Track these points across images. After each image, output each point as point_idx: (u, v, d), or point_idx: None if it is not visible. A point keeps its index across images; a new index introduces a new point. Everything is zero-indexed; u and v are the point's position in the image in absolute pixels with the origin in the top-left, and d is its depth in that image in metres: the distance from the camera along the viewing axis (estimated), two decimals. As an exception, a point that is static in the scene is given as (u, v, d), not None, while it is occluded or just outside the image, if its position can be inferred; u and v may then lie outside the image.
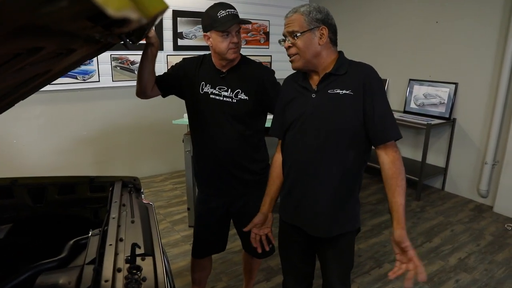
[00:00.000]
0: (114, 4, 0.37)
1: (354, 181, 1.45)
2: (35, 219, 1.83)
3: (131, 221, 1.48)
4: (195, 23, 4.27)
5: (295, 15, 1.37)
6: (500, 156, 3.60)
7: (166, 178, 4.36)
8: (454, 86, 3.88)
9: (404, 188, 1.34)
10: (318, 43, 1.36)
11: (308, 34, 1.35)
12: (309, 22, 1.34)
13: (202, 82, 1.68)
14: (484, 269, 2.67)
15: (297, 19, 1.36)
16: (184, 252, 2.79)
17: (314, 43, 1.36)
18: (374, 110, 1.33)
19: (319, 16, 1.34)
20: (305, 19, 1.34)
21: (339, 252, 1.53)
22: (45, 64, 1.16)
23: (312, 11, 1.34)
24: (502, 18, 3.46)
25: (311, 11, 1.34)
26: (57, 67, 1.35)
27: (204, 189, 1.87)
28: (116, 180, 1.83)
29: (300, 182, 1.49)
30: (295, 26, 1.36)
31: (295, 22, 1.36)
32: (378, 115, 1.33)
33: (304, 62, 1.39)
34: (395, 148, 1.37)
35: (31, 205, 1.82)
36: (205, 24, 1.58)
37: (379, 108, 1.34)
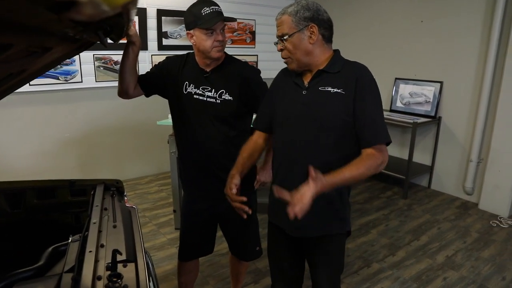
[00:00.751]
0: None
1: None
2: (13, 225, 1.76)
3: (113, 226, 1.43)
4: (180, 22, 4.20)
5: (283, 17, 1.33)
6: (485, 154, 3.64)
7: (152, 180, 4.28)
8: (439, 84, 3.91)
9: (360, 174, 1.26)
10: (309, 42, 1.32)
11: (297, 35, 1.31)
12: (297, 23, 1.31)
13: (185, 82, 1.63)
14: (471, 266, 2.69)
15: (285, 20, 1.32)
16: (170, 255, 2.74)
17: (304, 43, 1.32)
18: (364, 111, 1.30)
19: (308, 14, 1.30)
20: (292, 20, 1.31)
21: (328, 255, 1.50)
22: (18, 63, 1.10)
23: (300, 10, 1.30)
24: (485, 18, 3.49)
25: (299, 10, 1.30)
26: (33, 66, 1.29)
27: (190, 191, 1.83)
28: (98, 183, 1.78)
29: (287, 181, 1.46)
30: (284, 29, 1.33)
31: (284, 24, 1.33)
32: (367, 117, 1.30)
33: (297, 64, 1.36)
34: (382, 152, 1.31)
35: (9, 210, 1.75)
36: (188, 22, 1.54)
37: (369, 110, 1.30)
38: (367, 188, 4.16)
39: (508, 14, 3.34)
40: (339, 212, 1.44)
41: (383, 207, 3.68)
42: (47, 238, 1.78)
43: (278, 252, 1.63)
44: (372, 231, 3.18)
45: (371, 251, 2.86)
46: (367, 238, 3.07)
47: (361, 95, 1.29)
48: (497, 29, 3.36)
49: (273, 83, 1.54)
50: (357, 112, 1.30)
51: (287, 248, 1.58)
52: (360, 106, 1.29)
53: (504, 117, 3.39)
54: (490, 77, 3.47)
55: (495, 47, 3.40)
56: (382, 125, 1.32)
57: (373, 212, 3.56)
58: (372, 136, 1.30)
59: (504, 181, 3.47)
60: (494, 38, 3.39)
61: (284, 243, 1.58)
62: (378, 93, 1.34)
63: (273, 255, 1.66)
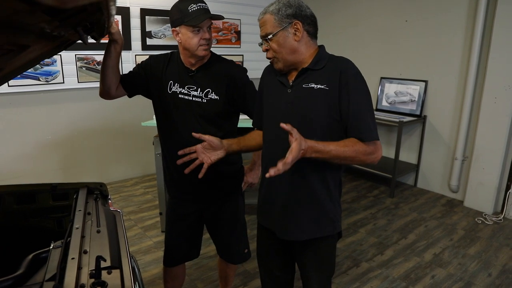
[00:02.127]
0: None
1: (330, 182, 1.38)
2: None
3: (97, 231, 1.38)
4: (164, 22, 4.14)
5: (265, 16, 1.30)
6: (469, 152, 3.69)
7: (137, 182, 4.21)
8: (424, 84, 3.95)
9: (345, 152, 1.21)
10: (294, 40, 1.29)
11: (281, 33, 1.28)
12: (280, 21, 1.27)
13: (170, 81, 1.59)
14: (458, 263, 2.71)
15: (268, 20, 1.29)
16: (157, 259, 2.68)
17: (289, 41, 1.29)
18: (349, 107, 1.25)
19: (290, 11, 1.27)
20: (275, 18, 1.28)
21: (319, 258, 1.46)
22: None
23: (282, 8, 1.27)
24: (468, 18, 3.54)
25: (280, 8, 1.27)
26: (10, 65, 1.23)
27: (175, 194, 1.78)
28: (81, 187, 1.72)
29: (275, 180, 1.43)
30: (267, 28, 1.29)
31: (267, 24, 1.29)
32: (353, 112, 1.25)
33: (283, 63, 1.33)
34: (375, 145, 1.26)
35: (-14, 217, 1.68)
36: (174, 19, 1.49)
37: (355, 104, 1.25)
38: (355, 187, 4.17)
39: (490, 14, 3.39)
40: (329, 213, 1.41)
41: (371, 206, 3.69)
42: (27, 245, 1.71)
43: (267, 255, 1.60)
44: (360, 230, 3.18)
45: (359, 251, 2.86)
46: (355, 237, 3.06)
47: (346, 90, 1.25)
48: (479, 29, 3.41)
49: (260, 82, 1.51)
50: (343, 108, 1.26)
51: (277, 250, 1.55)
52: (345, 101, 1.25)
53: (488, 115, 3.44)
54: (473, 76, 3.51)
55: (478, 47, 3.44)
56: (369, 121, 1.27)
57: (361, 211, 3.57)
58: (358, 133, 1.25)
59: (488, 178, 3.52)
60: (477, 37, 3.43)
61: (274, 246, 1.55)
62: (364, 86, 1.29)
63: (263, 258, 1.63)
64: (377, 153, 1.28)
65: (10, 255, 1.66)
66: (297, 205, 1.39)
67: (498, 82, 3.33)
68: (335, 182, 1.40)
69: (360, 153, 1.23)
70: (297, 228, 1.41)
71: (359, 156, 1.23)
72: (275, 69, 1.38)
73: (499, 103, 3.35)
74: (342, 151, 1.21)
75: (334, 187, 1.40)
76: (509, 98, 3.28)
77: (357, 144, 1.24)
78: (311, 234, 1.41)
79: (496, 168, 3.46)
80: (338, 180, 1.42)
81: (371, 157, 1.26)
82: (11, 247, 1.68)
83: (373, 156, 1.27)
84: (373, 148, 1.26)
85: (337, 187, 1.42)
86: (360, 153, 1.23)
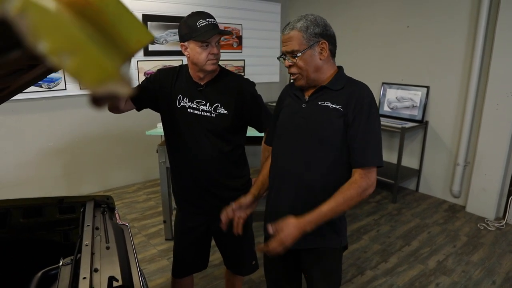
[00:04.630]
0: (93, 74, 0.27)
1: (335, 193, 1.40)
2: (-2, 246, 1.68)
3: (106, 247, 1.37)
4: (166, 28, 4.14)
5: (292, 32, 1.29)
6: (471, 157, 3.70)
7: (140, 188, 4.20)
8: (425, 89, 3.95)
9: (339, 207, 1.27)
10: (319, 58, 1.30)
11: (309, 51, 1.29)
12: (308, 39, 1.28)
13: (179, 96, 1.59)
14: (462, 270, 2.72)
15: (295, 36, 1.29)
16: (162, 268, 2.67)
17: (315, 60, 1.30)
18: (357, 131, 1.28)
19: (318, 30, 1.28)
20: (303, 36, 1.28)
21: (325, 270, 1.48)
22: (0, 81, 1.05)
23: (310, 26, 1.27)
24: (469, 24, 3.55)
25: (309, 26, 1.27)
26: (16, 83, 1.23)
27: (183, 207, 1.78)
28: (87, 200, 1.71)
29: (281, 192, 1.45)
30: (294, 45, 1.29)
31: (294, 40, 1.29)
32: (360, 137, 1.28)
33: (306, 80, 1.34)
34: (368, 176, 1.28)
35: (-7, 230, 1.67)
36: (183, 34, 1.49)
37: (363, 130, 1.28)
38: (357, 193, 4.17)
39: (491, 20, 3.40)
40: (334, 225, 1.42)
41: (374, 212, 3.70)
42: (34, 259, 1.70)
43: (274, 265, 1.61)
44: (364, 237, 3.18)
45: (364, 258, 2.86)
46: (359, 244, 3.07)
47: (358, 115, 1.27)
48: (481, 35, 3.42)
49: (278, 101, 1.54)
50: (351, 132, 1.28)
51: (283, 261, 1.56)
52: (355, 125, 1.28)
53: (490, 121, 3.45)
54: (475, 82, 3.52)
55: (480, 53, 3.45)
56: (374, 147, 1.29)
57: (364, 217, 3.57)
58: (361, 157, 1.28)
59: (490, 184, 3.53)
60: (478, 43, 3.44)
61: (281, 257, 1.55)
62: (376, 115, 1.32)
63: (270, 269, 1.64)
64: (370, 185, 1.29)
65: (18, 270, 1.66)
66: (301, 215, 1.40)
67: (500, 88, 3.34)
68: None
69: (353, 198, 1.27)
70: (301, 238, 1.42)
71: (354, 200, 1.27)
72: (297, 85, 1.39)
73: (501, 109, 3.35)
74: (335, 207, 1.27)
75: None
76: (511, 104, 3.29)
77: (347, 191, 1.27)
78: (314, 244, 1.43)
79: (498, 174, 3.46)
80: None
81: (367, 192, 1.29)
82: (19, 262, 1.67)
83: (368, 190, 1.29)
84: (364, 183, 1.27)
85: None
86: (354, 198, 1.27)
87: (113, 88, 0.29)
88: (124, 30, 0.35)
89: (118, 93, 0.29)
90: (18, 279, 1.52)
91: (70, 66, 0.26)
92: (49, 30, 0.25)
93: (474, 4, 3.49)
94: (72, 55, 0.26)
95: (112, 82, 0.29)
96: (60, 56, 0.26)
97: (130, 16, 0.36)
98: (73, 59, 0.26)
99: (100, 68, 0.28)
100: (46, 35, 0.25)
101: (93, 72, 0.27)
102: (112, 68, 0.29)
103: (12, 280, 1.60)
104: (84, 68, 0.27)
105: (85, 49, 0.27)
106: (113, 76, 0.28)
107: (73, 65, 0.26)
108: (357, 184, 1.27)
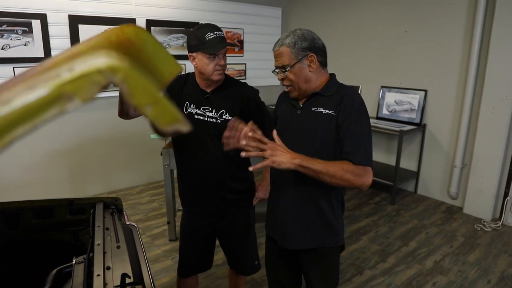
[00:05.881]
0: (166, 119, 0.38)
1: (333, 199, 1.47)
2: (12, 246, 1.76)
3: (117, 247, 1.45)
4: (169, 32, 4.22)
5: (281, 48, 1.38)
6: (468, 160, 3.78)
7: (143, 190, 4.28)
8: (423, 93, 4.03)
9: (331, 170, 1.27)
10: (309, 70, 1.38)
11: (298, 65, 1.37)
12: (296, 53, 1.36)
13: (186, 102, 1.67)
14: (458, 270, 2.79)
15: (284, 52, 1.37)
16: (166, 268, 2.75)
17: (304, 72, 1.38)
18: (348, 131, 1.33)
19: (305, 44, 1.36)
20: (291, 51, 1.36)
21: (323, 269, 1.55)
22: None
23: (297, 41, 1.35)
24: (466, 28, 3.63)
25: (296, 41, 1.35)
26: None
27: (189, 209, 1.86)
28: (97, 202, 1.79)
29: (282, 194, 1.52)
30: (284, 60, 1.38)
31: (283, 56, 1.38)
32: (351, 136, 1.33)
33: (299, 91, 1.42)
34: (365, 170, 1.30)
35: (6, 231, 1.75)
36: (192, 45, 1.57)
37: (354, 131, 1.33)
38: (356, 194, 4.25)
39: (487, 25, 3.48)
40: (331, 226, 1.49)
41: (372, 213, 3.77)
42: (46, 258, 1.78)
43: (275, 265, 1.68)
44: (363, 238, 3.26)
45: (362, 258, 2.93)
46: (358, 245, 3.14)
47: (349, 117, 1.34)
48: (477, 40, 3.50)
49: (275, 107, 1.62)
50: (344, 132, 1.34)
51: (284, 261, 1.64)
52: (347, 126, 1.34)
53: (486, 124, 3.52)
54: (472, 86, 3.60)
55: (476, 57, 3.54)
56: (367, 146, 1.34)
57: (363, 218, 3.65)
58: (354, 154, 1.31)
59: (486, 186, 3.60)
60: (475, 48, 3.53)
61: (282, 256, 1.63)
62: (366, 116, 1.38)
63: (271, 267, 1.71)
64: (366, 177, 1.30)
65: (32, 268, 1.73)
66: (300, 216, 1.49)
67: (495, 92, 3.42)
68: (337, 200, 1.49)
69: (348, 171, 1.27)
70: (298, 237, 1.50)
71: (347, 175, 1.27)
72: (291, 97, 1.47)
73: (496, 112, 3.43)
74: (330, 165, 1.28)
75: (337, 204, 1.49)
76: (507, 108, 3.37)
77: (345, 163, 1.30)
78: (311, 244, 1.50)
79: (494, 176, 3.54)
80: (341, 199, 1.52)
81: (360, 180, 1.29)
82: (32, 260, 1.75)
83: (362, 179, 1.29)
84: (362, 171, 1.29)
85: (339, 204, 1.51)
86: (348, 171, 1.27)
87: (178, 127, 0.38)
88: (159, 63, 0.43)
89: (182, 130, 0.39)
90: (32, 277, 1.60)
91: (151, 115, 0.35)
92: (139, 91, 0.34)
93: (470, 10, 3.58)
94: (153, 107, 0.35)
95: (177, 123, 0.38)
96: (145, 107, 0.35)
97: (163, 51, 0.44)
98: (153, 109, 0.35)
99: (170, 115, 0.37)
100: (137, 94, 0.34)
101: (166, 118, 0.36)
102: (177, 115, 0.38)
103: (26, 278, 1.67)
104: (160, 115, 0.36)
105: (160, 102, 0.36)
106: (177, 120, 0.37)
107: (153, 113, 0.35)
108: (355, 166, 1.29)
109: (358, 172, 1.29)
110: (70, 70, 0.34)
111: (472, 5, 3.57)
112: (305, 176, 1.42)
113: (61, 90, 0.34)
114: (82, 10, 3.61)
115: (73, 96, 0.34)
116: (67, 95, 0.33)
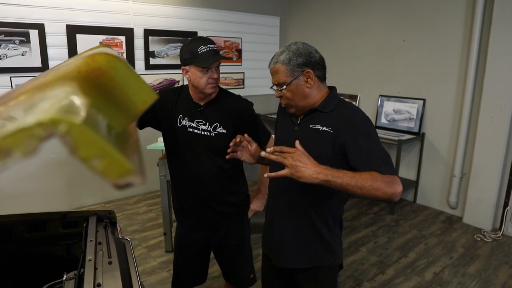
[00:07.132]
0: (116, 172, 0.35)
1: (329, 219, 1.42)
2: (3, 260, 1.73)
3: (108, 262, 1.42)
4: (166, 42, 4.23)
5: (276, 65, 1.33)
6: (467, 169, 3.75)
7: (140, 200, 4.25)
8: (422, 102, 4.02)
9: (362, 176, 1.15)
10: (306, 87, 1.32)
11: (294, 82, 1.32)
12: (292, 70, 1.31)
13: (180, 115, 1.65)
14: (458, 282, 2.75)
15: (279, 69, 1.33)
16: (162, 280, 2.71)
17: (301, 89, 1.33)
18: (360, 150, 1.24)
19: (301, 60, 1.30)
20: (286, 69, 1.31)
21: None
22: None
23: (292, 58, 1.30)
24: (463, 38, 3.63)
25: (291, 57, 1.30)
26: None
27: (183, 221, 1.83)
28: (90, 215, 1.76)
29: (277, 212, 1.50)
30: (280, 78, 1.33)
31: (279, 74, 1.33)
32: (366, 153, 1.24)
33: (296, 108, 1.38)
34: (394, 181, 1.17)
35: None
36: (185, 58, 1.56)
37: (366, 147, 1.24)
38: (355, 204, 4.22)
39: (484, 35, 3.48)
40: (328, 245, 1.44)
41: (371, 223, 3.74)
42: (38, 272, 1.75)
43: (271, 283, 1.65)
44: (361, 249, 3.22)
45: (361, 270, 2.90)
46: (356, 256, 3.10)
47: (354, 133, 1.26)
48: (475, 49, 3.50)
49: (276, 117, 1.60)
50: (351, 149, 1.26)
51: (280, 280, 1.60)
52: (354, 143, 1.26)
53: (484, 134, 3.51)
54: (470, 96, 3.60)
55: (474, 67, 3.53)
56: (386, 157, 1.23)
57: (362, 229, 3.61)
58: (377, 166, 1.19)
59: (486, 195, 3.57)
60: (472, 58, 3.52)
61: (277, 275, 1.59)
62: (373, 129, 1.30)
63: (267, 286, 1.68)
64: (397, 185, 1.17)
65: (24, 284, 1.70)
66: (295, 235, 1.45)
67: (494, 102, 3.41)
68: (334, 219, 1.43)
69: (378, 179, 1.14)
70: (293, 256, 1.45)
71: (378, 183, 1.14)
72: (289, 113, 1.43)
73: (495, 122, 3.42)
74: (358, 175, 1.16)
75: (334, 223, 1.44)
76: (505, 117, 3.35)
77: (373, 172, 1.17)
78: (308, 263, 1.45)
79: (494, 185, 3.51)
80: (338, 218, 1.46)
81: (392, 188, 1.15)
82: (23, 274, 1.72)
83: (394, 186, 1.16)
84: (391, 179, 1.17)
85: (337, 223, 1.45)
86: (378, 179, 1.14)
87: (130, 180, 0.36)
88: (132, 92, 0.41)
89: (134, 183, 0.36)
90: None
91: (98, 168, 0.33)
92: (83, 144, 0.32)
93: (468, 20, 3.58)
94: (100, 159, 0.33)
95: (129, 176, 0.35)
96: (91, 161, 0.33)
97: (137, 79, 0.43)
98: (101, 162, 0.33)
99: (120, 167, 0.34)
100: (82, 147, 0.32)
101: (115, 171, 0.34)
102: (129, 166, 0.35)
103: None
104: (109, 169, 0.34)
105: (109, 154, 0.34)
106: (130, 172, 0.35)
107: (101, 167, 0.33)
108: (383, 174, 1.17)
109: (388, 180, 1.16)
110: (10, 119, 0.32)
111: (469, 15, 3.57)
112: (301, 195, 1.39)
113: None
114: (80, 20, 3.62)
115: (11, 151, 0.32)
116: (4, 150, 0.31)
